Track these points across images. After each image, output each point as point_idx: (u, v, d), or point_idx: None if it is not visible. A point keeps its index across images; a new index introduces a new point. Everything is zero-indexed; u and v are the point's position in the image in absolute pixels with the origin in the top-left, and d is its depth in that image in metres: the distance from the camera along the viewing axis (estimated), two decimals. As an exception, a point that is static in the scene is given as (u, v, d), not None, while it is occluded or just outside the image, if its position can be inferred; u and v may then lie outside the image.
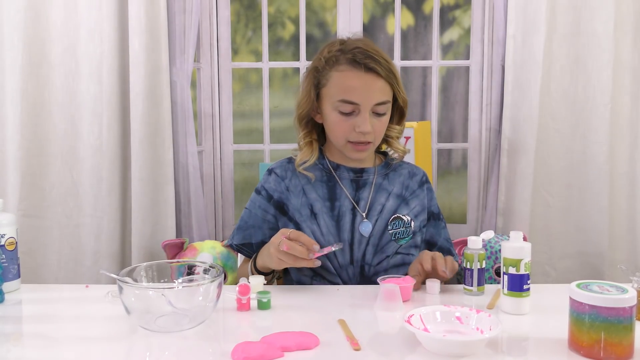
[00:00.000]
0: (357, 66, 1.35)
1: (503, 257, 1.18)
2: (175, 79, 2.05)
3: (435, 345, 0.98)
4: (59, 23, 1.93)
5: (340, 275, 1.43)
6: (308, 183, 1.46)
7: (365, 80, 1.35)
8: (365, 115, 1.36)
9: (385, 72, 1.36)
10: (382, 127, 1.41)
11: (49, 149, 1.97)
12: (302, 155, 1.46)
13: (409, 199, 1.48)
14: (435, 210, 1.53)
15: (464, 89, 2.29)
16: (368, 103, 1.36)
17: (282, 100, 2.45)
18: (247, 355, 0.94)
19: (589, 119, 2.02)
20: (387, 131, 1.47)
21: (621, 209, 2.06)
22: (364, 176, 1.48)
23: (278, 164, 1.52)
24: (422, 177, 1.53)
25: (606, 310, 0.94)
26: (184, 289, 1.12)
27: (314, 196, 1.44)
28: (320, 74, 1.41)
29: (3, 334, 1.10)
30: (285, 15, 2.49)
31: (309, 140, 1.47)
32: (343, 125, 1.38)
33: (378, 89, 1.36)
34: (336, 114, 1.38)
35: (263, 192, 1.49)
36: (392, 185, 1.48)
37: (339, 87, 1.37)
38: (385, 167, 1.51)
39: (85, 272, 1.99)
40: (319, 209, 1.43)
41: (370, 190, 1.46)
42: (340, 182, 1.46)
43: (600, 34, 1.97)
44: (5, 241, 1.31)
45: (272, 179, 1.49)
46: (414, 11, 2.44)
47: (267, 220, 1.48)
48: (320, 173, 1.48)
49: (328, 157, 1.50)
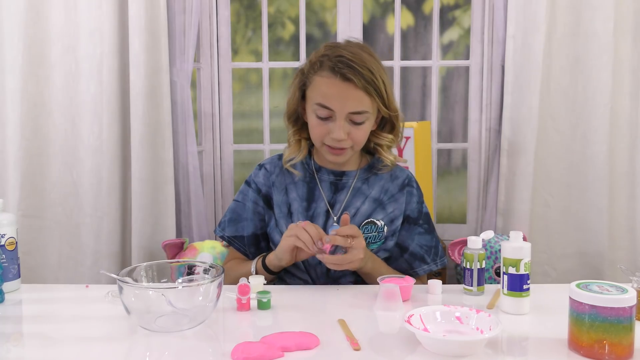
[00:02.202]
0: (335, 74, 1.36)
1: (503, 257, 1.18)
2: (175, 79, 2.05)
3: (435, 345, 0.98)
4: (59, 23, 1.93)
5: (309, 273, 1.45)
6: (292, 182, 1.50)
7: (341, 89, 1.36)
8: (339, 122, 1.37)
9: (364, 83, 1.35)
10: (360, 134, 1.41)
11: (49, 149, 1.97)
12: (290, 152, 1.51)
13: (386, 203, 1.48)
14: (412, 214, 1.49)
15: (464, 89, 2.29)
16: (342, 111, 1.37)
17: (282, 100, 2.43)
18: (247, 355, 0.95)
19: (588, 119, 2.02)
20: (377, 139, 1.49)
21: (621, 209, 2.06)
22: (344, 179, 1.50)
23: (269, 160, 1.57)
24: (405, 179, 1.51)
25: (606, 310, 0.94)
26: (184, 289, 1.12)
27: (293, 195, 1.49)
28: (305, 76, 1.43)
29: (3, 334, 1.10)
30: (285, 15, 2.50)
31: (298, 139, 1.51)
32: (319, 129, 1.41)
33: (354, 99, 1.36)
34: (314, 116, 1.41)
35: (253, 185, 1.54)
36: (371, 189, 1.49)
37: (317, 92, 1.39)
38: (369, 170, 1.51)
39: (85, 272, 1.99)
40: (295, 208, 1.47)
41: (347, 194, 1.47)
42: (320, 184, 1.49)
43: (600, 34, 1.97)
44: (5, 241, 1.31)
45: (261, 173, 1.54)
46: (414, 11, 2.44)
47: (257, 212, 1.52)
48: (304, 173, 1.51)
49: (314, 158, 1.53)
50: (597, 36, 1.98)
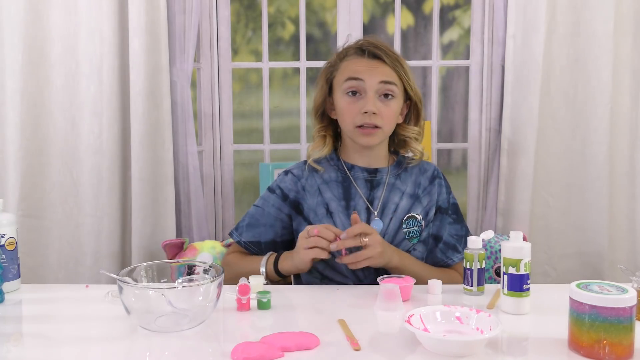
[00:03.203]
0: (362, 54, 1.44)
1: (503, 257, 1.18)
2: (175, 79, 2.05)
3: (435, 345, 0.98)
4: (59, 23, 1.93)
5: (355, 273, 1.43)
6: (324, 183, 1.49)
7: (370, 64, 1.43)
8: (370, 94, 1.41)
9: (391, 60, 1.42)
10: (389, 112, 1.43)
11: (49, 149, 1.97)
12: (314, 146, 1.52)
13: (421, 197, 1.49)
14: (443, 204, 1.51)
15: (464, 89, 2.29)
16: (372, 81, 1.41)
17: (282, 100, 2.45)
18: (247, 355, 0.94)
19: (588, 119, 2.02)
20: (404, 131, 1.51)
21: (621, 209, 2.06)
22: (378, 176, 1.49)
23: (295, 166, 1.56)
24: (433, 171, 1.54)
25: (606, 310, 0.94)
26: (184, 289, 1.12)
27: (329, 195, 1.47)
28: (333, 68, 1.48)
29: (3, 334, 1.10)
30: (285, 15, 2.49)
31: (323, 135, 1.52)
32: (350, 109, 1.42)
33: (382, 71, 1.42)
34: (344, 97, 1.44)
35: (278, 191, 1.51)
36: (405, 184, 1.49)
37: (345, 72, 1.44)
38: (398, 166, 1.52)
39: (85, 272, 1.99)
40: (334, 207, 1.46)
41: (384, 190, 1.47)
42: (355, 182, 1.49)
43: (600, 34, 1.97)
44: (5, 241, 1.31)
45: (288, 178, 1.52)
46: (414, 11, 2.44)
47: (280, 219, 1.50)
48: (335, 174, 1.50)
49: (343, 158, 1.53)
50: (597, 36, 1.98)
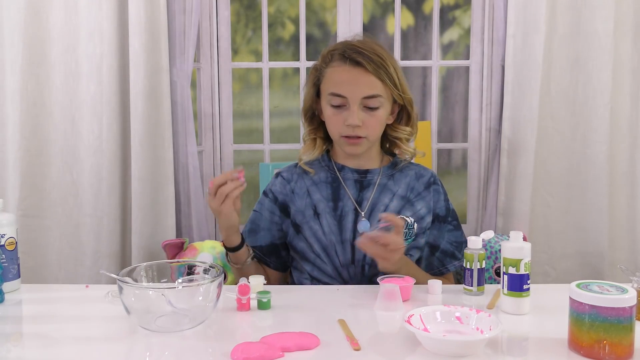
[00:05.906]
0: (345, 61, 1.39)
1: (503, 257, 1.18)
2: (175, 79, 2.05)
3: (435, 345, 0.98)
4: (59, 23, 1.93)
5: (341, 275, 1.43)
6: (313, 184, 1.48)
7: (352, 74, 1.39)
8: (353, 108, 1.38)
9: (374, 67, 1.38)
10: (375, 122, 1.42)
11: (49, 149, 1.97)
12: (305, 149, 1.51)
13: (414, 201, 1.48)
14: (441, 212, 1.51)
15: (464, 89, 2.29)
16: (355, 96, 1.38)
17: (282, 100, 2.45)
18: (247, 355, 0.95)
19: (589, 119, 2.02)
20: (394, 132, 1.49)
21: (621, 209, 2.06)
22: (368, 177, 1.49)
23: (286, 168, 1.56)
24: (430, 178, 1.53)
25: (606, 310, 0.94)
26: (184, 289, 1.12)
27: (317, 197, 1.47)
28: (319, 72, 1.45)
29: (3, 334, 1.10)
30: (285, 15, 2.49)
31: (313, 137, 1.51)
32: (335, 119, 1.42)
33: (365, 83, 1.38)
34: (329, 107, 1.42)
35: (270, 195, 1.52)
36: (397, 186, 1.48)
37: (329, 82, 1.42)
38: (392, 167, 1.51)
39: (85, 272, 1.99)
40: (322, 209, 1.45)
41: (373, 191, 1.46)
42: (344, 183, 1.48)
43: (600, 34, 1.97)
44: (5, 241, 1.31)
45: (278, 181, 1.53)
46: (414, 11, 2.44)
47: (274, 222, 1.50)
48: (325, 174, 1.50)
49: (334, 158, 1.52)
50: (597, 36, 1.98)
